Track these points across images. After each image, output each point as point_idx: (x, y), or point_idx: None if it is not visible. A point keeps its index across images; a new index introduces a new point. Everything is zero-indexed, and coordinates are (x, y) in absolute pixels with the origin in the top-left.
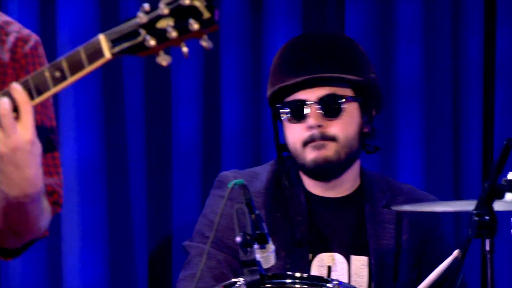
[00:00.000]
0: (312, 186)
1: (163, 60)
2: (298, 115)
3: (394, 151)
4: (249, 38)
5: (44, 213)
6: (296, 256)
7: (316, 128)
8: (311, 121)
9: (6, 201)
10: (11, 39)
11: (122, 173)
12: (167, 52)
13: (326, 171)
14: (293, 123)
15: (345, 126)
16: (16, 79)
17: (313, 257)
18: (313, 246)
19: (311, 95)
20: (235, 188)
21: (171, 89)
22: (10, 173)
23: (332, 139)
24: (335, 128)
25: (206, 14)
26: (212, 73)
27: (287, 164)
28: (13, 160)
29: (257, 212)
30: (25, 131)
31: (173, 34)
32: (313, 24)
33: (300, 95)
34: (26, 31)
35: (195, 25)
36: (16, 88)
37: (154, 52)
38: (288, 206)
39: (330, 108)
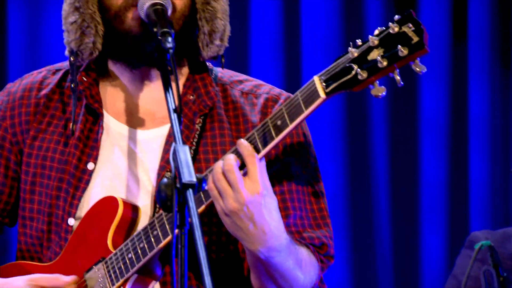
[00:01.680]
0: None
1: (378, 91)
2: None
3: None
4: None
5: (304, 267)
6: None
7: None
8: None
9: (254, 257)
10: (261, 100)
11: (366, 205)
12: (381, 83)
13: None
14: None
15: None
16: None
17: None
18: None
19: None
20: (484, 251)
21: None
22: (248, 228)
23: None
24: None
25: (415, 38)
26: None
27: None
28: (247, 215)
29: (505, 274)
30: (253, 184)
31: (384, 63)
32: None
33: None
34: (276, 91)
35: (404, 51)
36: (242, 143)
37: (367, 84)
38: None
39: None
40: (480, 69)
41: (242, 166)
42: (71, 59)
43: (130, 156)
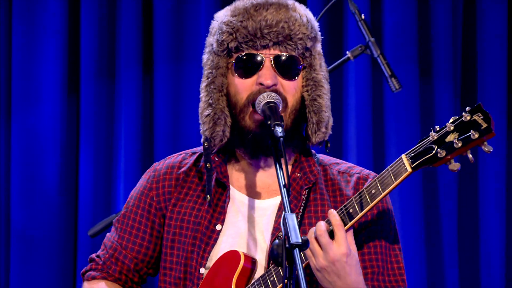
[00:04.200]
0: None
1: (454, 167)
2: None
3: None
4: None
5: None
6: None
7: None
8: None
9: None
10: (354, 179)
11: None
12: (456, 160)
13: None
14: None
15: None
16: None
17: None
18: None
19: None
20: None
21: None
22: (334, 282)
23: None
24: None
25: (484, 125)
26: None
27: None
28: (333, 271)
29: None
30: (339, 246)
31: (459, 144)
32: None
33: None
34: (366, 171)
35: (475, 135)
36: (331, 213)
37: (445, 161)
38: None
39: None
40: None
41: (331, 233)
42: (205, 144)
43: (249, 220)
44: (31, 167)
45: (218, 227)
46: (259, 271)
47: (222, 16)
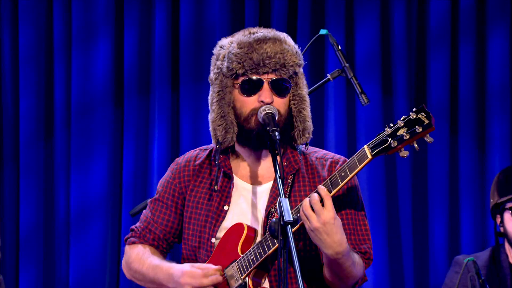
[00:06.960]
0: None
1: (404, 154)
2: None
3: None
4: None
5: (356, 266)
6: None
7: None
8: None
9: (327, 258)
10: (328, 163)
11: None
12: (406, 149)
13: None
14: None
15: None
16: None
17: None
18: None
19: None
20: (470, 264)
21: None
22: (325, 239)
23: None
24: None
25: (426, 121)
26: None
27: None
28: (324, 231)
29: (483, 278)
30: (328, 211)
31: (407, 136)
32: None
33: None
34: (337, 156)
35: (420, 129)
36: (320, 187)
37: (397, 150)
38: (502, 282)
39: None
40: None
41: (321, 201)
42: (218, 146)
43: (249, 201)
44: (87, 163)
45: (226, 207)
46: (258, 238)
47: (228, 46)
